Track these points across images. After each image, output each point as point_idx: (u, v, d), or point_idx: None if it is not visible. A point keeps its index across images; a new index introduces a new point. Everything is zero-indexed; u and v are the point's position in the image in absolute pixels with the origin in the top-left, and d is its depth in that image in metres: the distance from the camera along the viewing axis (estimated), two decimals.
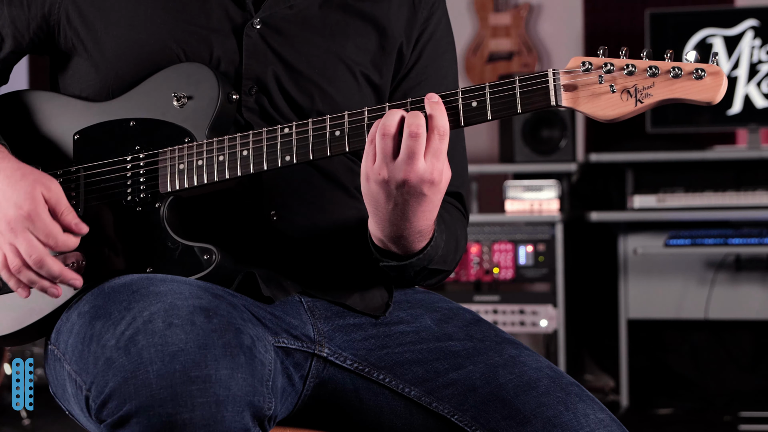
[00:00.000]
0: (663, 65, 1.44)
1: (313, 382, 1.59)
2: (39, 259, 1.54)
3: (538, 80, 1.47)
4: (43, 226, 1.54)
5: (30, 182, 1.56)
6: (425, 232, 1.55)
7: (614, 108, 1.45)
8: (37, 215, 1.54)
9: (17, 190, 1.55)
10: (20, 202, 1.54)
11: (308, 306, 1.63)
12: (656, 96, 1.44)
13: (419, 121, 1.46)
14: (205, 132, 1.60)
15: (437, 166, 1.47)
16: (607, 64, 1.46)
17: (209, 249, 1.57)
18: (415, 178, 1.46)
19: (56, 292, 1.57)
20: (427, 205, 1.50)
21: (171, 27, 1.65)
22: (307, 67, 1.66)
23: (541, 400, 1.51)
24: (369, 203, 1.52)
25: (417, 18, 1.73)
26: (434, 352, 1.59)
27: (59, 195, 1.57)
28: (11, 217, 1.54)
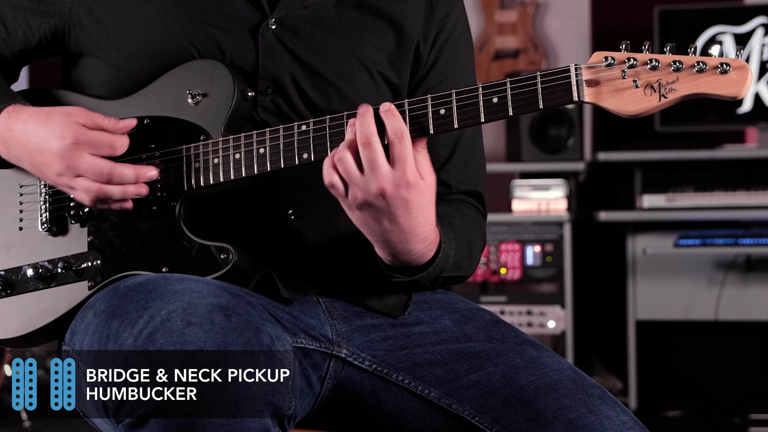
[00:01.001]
0: (687, 60, 1.43)
1: (331, 383, 1.60)
2: (110, 172, 1.56)
3: (560, 75, 1.47)
4: (95, 140, 1.56)
5: (58, 114, 1.58)
6: (429, 239, 1.55)
7: (638, 103, 1.45)
8: (82, 135, 1.56)
9: (50, 125, 1.57)
10: (60, 134, 1.56)
11: (326, 306, 1.63)
12: (680, 91, 1.43)
13: (367, 131, 1.47)
14: (220, 130, 1.60)
15: (408, 168, 1.47)
16: (630, 59, 1.45)
17: (226, 248, 1.57)
18: (388, 185, 1.47)
19: (144, 191, 1.58)
20: (416, 211, 1.50)
21: (184, 26, 1.65)
22: (323, 68, 1.66)
23: (563, 402, 1.51)
24: (364, 231, 1.53)
25: (434, 16, 1.73)
26: (454, 354, 1.59)
27: (87, 112, 1.59)
28: (58, 151, 1.56)
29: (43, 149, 1.57)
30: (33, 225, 1.68)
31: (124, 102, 1.66)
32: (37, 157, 1.59)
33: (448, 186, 1.75)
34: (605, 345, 4.69)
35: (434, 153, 1.73)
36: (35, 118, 1.59)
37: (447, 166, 1.74)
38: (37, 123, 1.58)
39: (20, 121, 1.60)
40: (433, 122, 1.50)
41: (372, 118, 1.48)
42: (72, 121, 1.57)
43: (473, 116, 1.50)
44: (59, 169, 1.57)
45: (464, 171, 1.75)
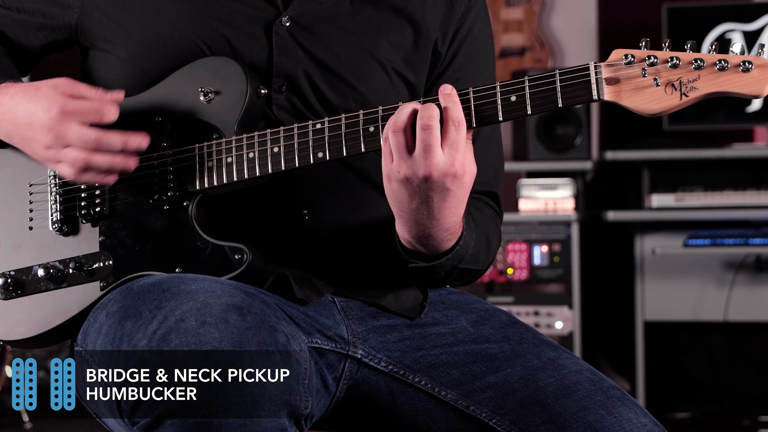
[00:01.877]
0: (708, 57, 1.43)
1: (347, 383, 1.59)
2: (97, 139, 1.55)
3: (579, 73, 1.46)
4: (82, 108, 1.55)
5: (45, 87, 1.57)
6: (453, 229, 1.54)
7: (658, 102, 1.44)
8: (69, 104, 1.55)
9: (37, 99, 1.57)
10: (47, 105, 1.55)
11: (341, 306, 1.63)
12: (702, 89, 1.43)
13: (430, 113, 1.46)
14: (233, 128, 1.60)
15: (458, 158, 1.46)
16: (651, 57, 1.44)
17: (240, 248, 1.56)
18: (436, 172, 1.46)
19: (133, 163, 1.57)
20: (451, 201, 1.49)
21: (194, 22, 1.65)
22: (338, 66, 1.66)
23: (582, 404, 1.50)
24: (393, 204, 1.52)
25: (454, 13, 1.73)
26: (471, 355, 1.59)
27: (77, 84, 1.58)
28: (47, 122, 1.55)
29: (32, 123, 1.57)
30: (43, 224, 1.67)
31: (137, 98, 1.65)
32: (25, 131, 1.58)
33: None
34: (613, 346, 4.68)
35: None
36: (23, 93, 1.59)
37: None
38: (25, 97, 1.58)
39: (8, 96, 1.60)
40: None
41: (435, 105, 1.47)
42: (59, 93, 1.56)
43: (491, 115, 1.49)
44: (47, 141, 1.56)
45: (481, 171, 1.74)
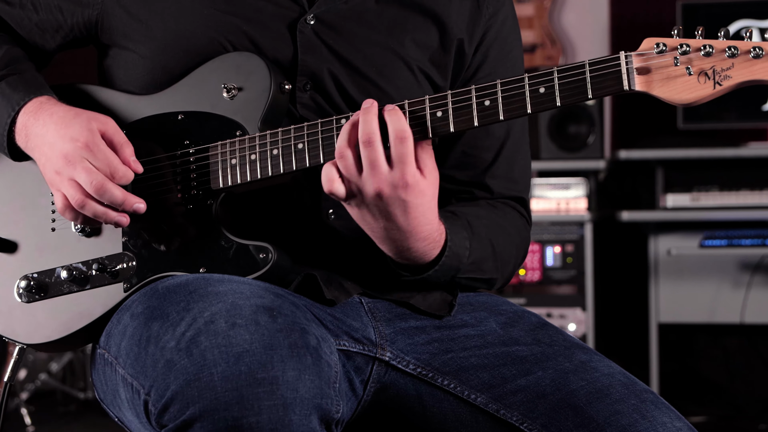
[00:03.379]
0: (743, 45, 1.41)
1: (374, 387, 1.59)
2: (100, 185, 1.55)
3: (610, 63, 1.45)
4: (102, 155, 1.57)
5: (85, 118, 1.59)
6: (432, 238, 1.55)
7: (691, 91, 1.43)
8: (94, 144, 1.57)
9: (72, 125, 1.58)
10: (76, 135, 1.57)
11: (369, 307, 1.62)
12: (736, 78, 1.41)
13: (369, 129, 1.48)
14: (257, 125, 1.59)
15: (408, 170, 1.48)
16: (683, 45, 1.43)
17: (265, 247, 1.56)
18: (386, 186, 1.48)
19: (124, 220, 1.58)
20: (414, 211, 1.50)
21: (218, 19, 1.64)
22: (363, 65, 1.66)
23: (615, 408, 1.50)
24: (363, 226, 1.55)
25: (481, 15, 1.72)
26: (501, 357, 1.58)
27: (116, 129, 1.60)
28: (68, 150, 1.57)
29: (55, 144, 1.59)
30: (66, 225, 1.67)
31: (158, 97, 1.65)
32: (47, 150, 1.60)
33: (490, 191, 1.74)
34: (626, 348, 4.68)
35: (479, 157, 1.73)
36: (63, 114, 1.60)
37: (491, 171, 1.74)
38: (63, 119, 1.60)
39: (48, 114, 1.61)
40: (478, 114, 1.50)
41: (375, 116, 1.49)
42: (92, 128, 1.58)
43: (519, 107, 1.49)
44: (59, 166, 1.58)
45: (508, 176, 1.75)
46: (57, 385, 4.89)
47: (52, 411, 4.84)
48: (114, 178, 1.56)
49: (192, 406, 1.33)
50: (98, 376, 1.61)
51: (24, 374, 4.83)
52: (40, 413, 4.74)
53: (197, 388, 1.33)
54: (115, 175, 1.57)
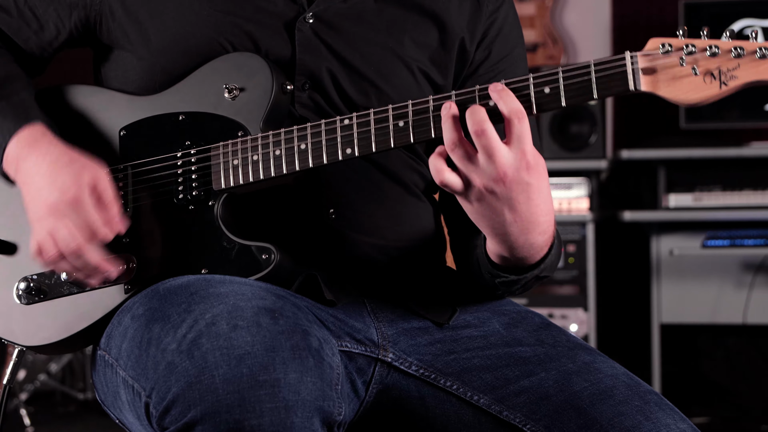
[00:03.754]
0: (749, 45, 1.41)
1: (377, 388, 1.59)
2: (78, 249, 1.54)
3: (615, 63, 1.45)
4: (85, 216, 1.54)
5: (77, 168, 1.56)
6: (549, 230, 1.52)
7: (697, 92, 1.43)
8: (81, 202, 1.54)
9: (63, 174, 1.55)
10: (65, 187, 1.54)
11: (371, 308, 1.62)
12: (742, 78, 1.42)
13: (478, 117, 1.43)
14: (259, 125, 1.59)
15: (527, 149, 1.43)
16: (689, 45, 1.43)
17: (268, 248, 1.56)
18: (509, 170, 1.42)
19: (93, 283, 1.57)
20: (537, 196, 1.46)
21: (217, 19, 1.64)
22: (362, 64, 1.65)
23: (619, 409, 1.50)
24: (483, 224, 1.49)
25: (482, 12, 1.72)
26: (504, 358, 1.58)
27: (107, 184, 1.57)
28: (54, 201, 1.55)
29: (42, 190, 1.56)
30: None
31: (159, 97, 1.65)
32: (34, 193, 1.57)
33: None
34: (628, 349, 4.69)
35: None
36: (56, 158, 1.57)
37: None
38: (57, 163, 1.57)
39: (40, 154, 1.58)
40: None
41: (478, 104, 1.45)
42: (83, 182, 1.55)
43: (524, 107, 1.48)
44: (41, 215, 1.56)
45: None
46: (56, 385, 4.89)
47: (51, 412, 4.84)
48: (95, 238, 1.55)
49: (193, 409, 1.32)
50: (99, 378, 1.61)
51: (23, 375, 4.83)
52: (40, 414, 4.74)
53: (198, 391, 1.33)
54: (95, 236, 1.55)
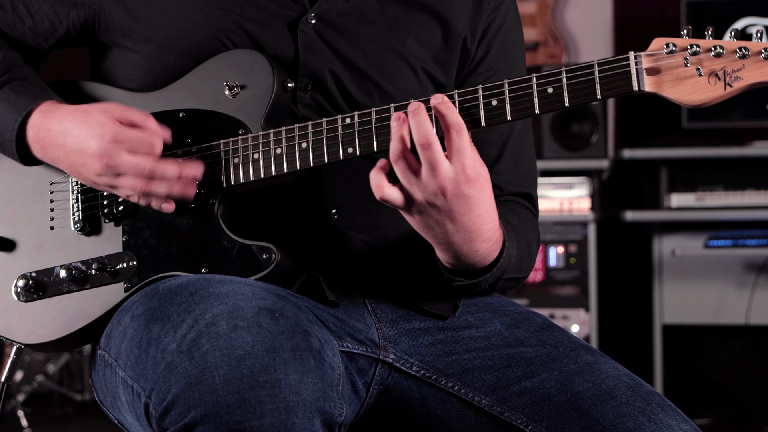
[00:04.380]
0: (754, 46, 1.41)
1: (377, 389, 1.59)
2: (152, 170, 1.55)
3: (619, 64, 1.45)
4: (135, 139, 1.55)
5: (97, 112, 1.57)
6: (494, 238, 1.53)
7: (701, 92, 1.43)
8: (122, 133, 1.55)
9: (88, 124, 1.56)
10: (99, 132, 1.55)
11: (372, 308, 1.63)
12: (747, 79, 1.42)
13: (425, 130, 1.45)
14: (260, 123, 1.59)
15: (467, 163, 1.45)
16: (693, 46, 1.43)
17: (268, 248, 1.56)
18: (449, 184, 1.45)
19: (190, 191, 1.57)
20: (478, 207, 1.48)
21: (219, 18, 1.64)
22: (365, 64, 1.66)
23: (621, 411, 1.50)
24: (425, 234, 1.52)
25: (483, 9, 1.72)
26: (505, 359, 1.59)
27: (129, 110, 1.58)
28: (100, 150, 1.55)
29: (82, 149, 1.56)
30: (65, 224, 1.67)
31: (159, 94, 1.65)
32: (75, 158, 1.58)
33: (499, 188, 1.73)
34: (630, 350, 4.69)
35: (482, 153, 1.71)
36: (72, 116, 1.58)
37: (496, 167, 1.73)
38: (75, 121, 1.57)
39: (57, 121, 1.59)
40: (485, 114, 1.49)
41: (426, 115, 1.46)
42: (110, 119, 1.56)
43: (527, 107, 1.49)
44: (99, 169, 1.56)
45: (514, 172, 1.74)
46: (54, 386, 4.89)
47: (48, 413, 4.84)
48: (154, 151, 1.55)
49: (193, 410, 1.33)
50: (98, 378, 1.61)
51: (21, 376, 4.83)
52: (37, 415, 4.74)
53: (199, 391, 1.33)
54: (155, 148, 1.56)
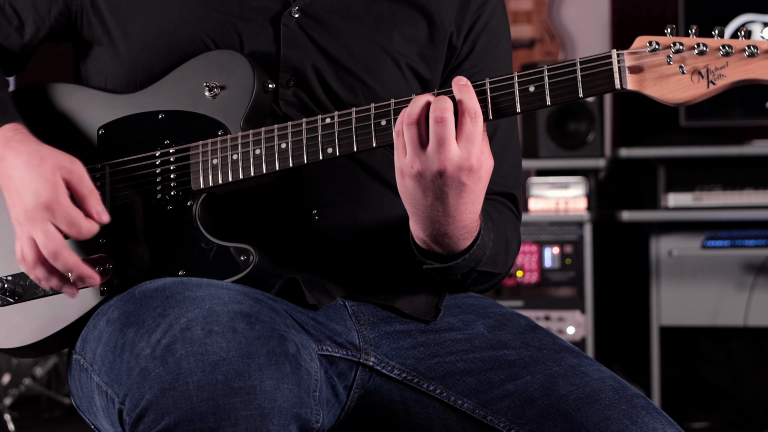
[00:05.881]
0: (737, 44, 1.42)
1: (358, 392, 1.59)
2: (54, 251, 1.52)
3: (601, 61, 1.46)
4: (64, 214, 1.52)
5: (50, 166, 1.53)
6: (470, 227, 1.54)
7: (684, 90, 1.44)
8: (56, 202, 1.52)
9: (36, 176, 1.53)
10: (39, 190, 1.52)
11: (353, 311, 1.63)
12: (730, 77, 1.43)
13: (443, 105, 1.45)
14: (239, 124, 1.60)
15: (473, 152, 1.46)
16: (676, 44, 1.44)
17: (246, 249, 1.56)
18: (451, 166, 1.45)
19: (70, 291, 1.55)
20: (468, 197, 1.49)
21: (200, 14, 1.65)
22: (349, 60, 1.66)
23: (605, 414, 1.50)
24: (406, 201, 1.52)
25: (470, 5, 1.73)
26: (488, 362, 1.59)
27: (82, 177, 1.54)
28: (30, 206, 1.53)
29: (21, 192, 1.54)
30: None
31: (138, 96, 1.66)
32: (13, 196, 1.56)
33: None
34: (627, 352, 4.69)
35: None
36: (28, 158, 1.55)
37: None
38: (28, 166, 1.54)
39: (14, 155, 1.56)
40: None
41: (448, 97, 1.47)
42: (56, 182, 1.52)
43: (508, 106, 1.49)
44: (21, 219, 1.54)
45: (497, 171, 1.74)
46: (42, 390, 4.89)
47: (36, 417, 4.84)
48: (79, 235, 1.53)
49: (167, 416, 1.33)
50: (74, 382, 1.61)
51: (8, 379, 4.83)
52: (25, 419, 4.74)
53: (172, 398, 1.33)
54: (80, 233, 1.53)
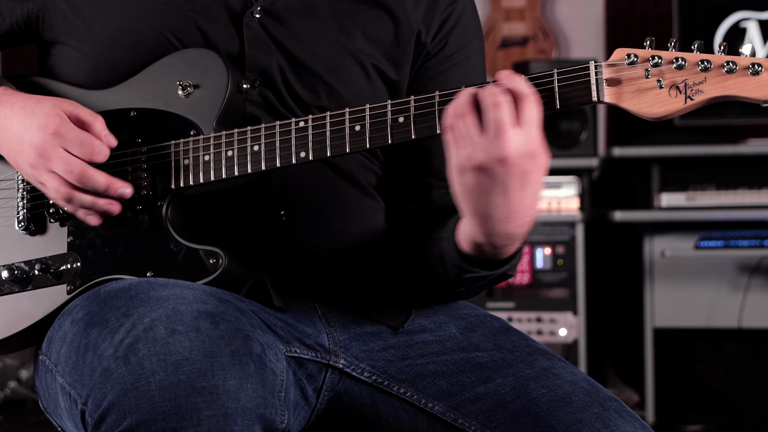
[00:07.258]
0: (716, 59, 1.42)
1: (328, 395, 1.59)
2: (81, 173, 1.54)
3: (579, 73, 1.46)
4: (74, 137, 1.54)
5: (48, 103, 1.57)
6: (526, 225, 1.49)
7: (662, 105, 1.44)
8: (65, 128, 1.55)
9: (36, 113, 1.56)
10: (43, 122, 1.55)
11: (323, 313, 1.63)
12: (708, 93, 1.43)
13: (495, 90, 1.41)
14: (212, 124, 1.60)
15: (535, 135, 1.41)
16: (655, 57, 1.44)
17: (215, 252, 1.57)
18: (514, 152, 1.39)
19: (114, 209, 1.56)
20: (531, 186, 1.43)
21: (163, 13, 1.65)
22: (311, 61, 1.65)
23: (577, 417, 1.50)
24: (465, 200, 1.46)
25: (438, 5, 1.72)
26: (459, 364, 1.59)
27: (80, 107, 1.58)
28: (38, 140, 1.55)
29: (23, 136, 1.57)
30: (9, 223, 1.67)
31: (111, 92, 1.66)
32: (15, 144, 1.58)
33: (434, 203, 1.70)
34: (620, 354, 4.69)
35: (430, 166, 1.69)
36: (23, 103, 1.58)
37: (440, 182, 1.67)
38: (24, 108, 1.58)
39: (7, 105, 1.60)
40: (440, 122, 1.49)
41: None
42: (58, 112, 1.56)
43: None
44: (32, 159, 1.56)
45: None
46: (27, 393, 4.89)
47: (22, 420, 4.83)
48: (93, 158, 1.55)
49: (129, 417, 1.33)
50: (41, 384, 1.62)
51: None
52: (10, 423, 4.74)
53: (134, 398, 1.33)
54: (93, 152, 1.55)
